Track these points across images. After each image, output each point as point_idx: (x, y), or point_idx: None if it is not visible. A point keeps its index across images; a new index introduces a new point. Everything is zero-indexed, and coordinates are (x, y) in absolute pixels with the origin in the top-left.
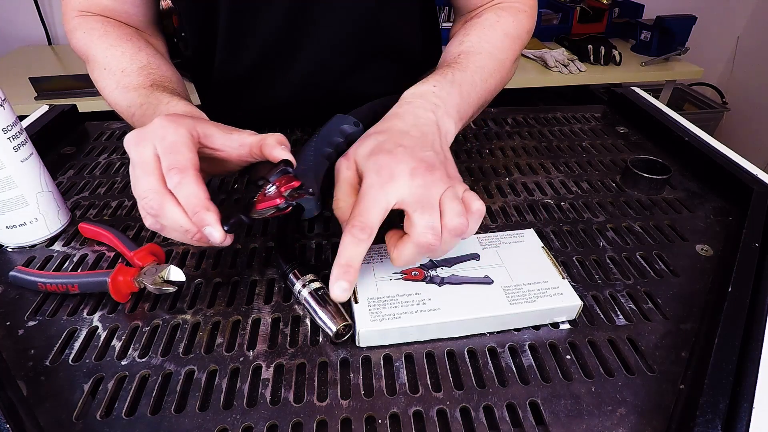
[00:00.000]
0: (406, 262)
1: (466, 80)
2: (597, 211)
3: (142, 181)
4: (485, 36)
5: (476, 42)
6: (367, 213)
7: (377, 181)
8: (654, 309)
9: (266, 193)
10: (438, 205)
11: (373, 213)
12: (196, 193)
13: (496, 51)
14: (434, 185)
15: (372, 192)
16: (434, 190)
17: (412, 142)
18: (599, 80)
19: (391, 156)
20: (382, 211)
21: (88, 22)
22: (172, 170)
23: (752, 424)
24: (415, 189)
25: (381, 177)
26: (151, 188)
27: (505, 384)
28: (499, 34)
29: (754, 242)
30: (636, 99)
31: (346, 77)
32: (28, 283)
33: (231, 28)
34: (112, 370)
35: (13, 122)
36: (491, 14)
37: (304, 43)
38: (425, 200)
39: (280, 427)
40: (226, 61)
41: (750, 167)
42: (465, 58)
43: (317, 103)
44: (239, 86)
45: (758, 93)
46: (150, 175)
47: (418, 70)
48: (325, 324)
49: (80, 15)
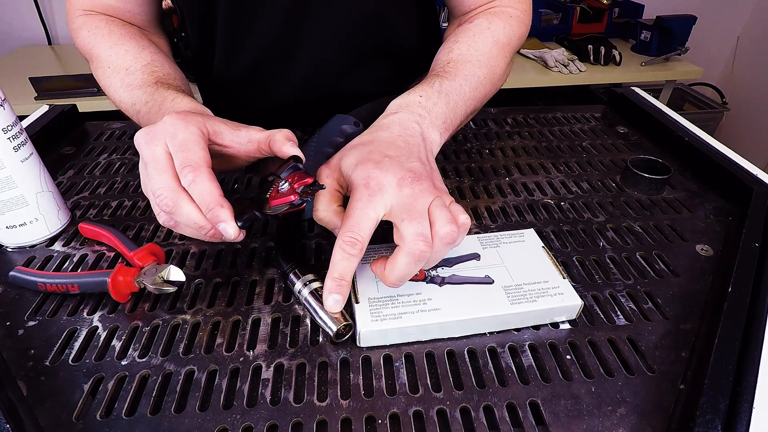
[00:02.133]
0: (399, 277)
1: (453, 89)
2: (597, 211)
3: (156, 178)
4: (474, 44)
5: (465, 50)
6: (357, 227)
7: (365, 193)
8: (654, 309)
9: (279, 189)
10: (427, 214)
11: (363, 226)
12: (210, 191)
13: (485, 59)
14: (422, 195)
15: (360, 205)
16: (422, 200)
17: (398, 152)
18: (599, 80)
19: (378, 167)
20: (372, 223)
21: (93, 21)
22: (185, 168)
23: (752, 424)
24: (402, 199)
25: (369, 189)
26: (166, 186)
27: (505, 384)
28: (488, 42)
29: (754, 242)
30: (636, 99)
31: (346, 77)
32: (28, 283)
33: (230, 27)
34: (112, 370)
35: (13, 122)
36: (482, 20)
37: (303, 42)
38: (413, 209)
39: (280, 427)
40: (226, 61)
41: (750, 167)
42: (454, 66)
43: (316, 102)
44: (238, 86)
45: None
46: (164, 173)
47: (417, 70)
48: (325, 324)
49: (84, 14)
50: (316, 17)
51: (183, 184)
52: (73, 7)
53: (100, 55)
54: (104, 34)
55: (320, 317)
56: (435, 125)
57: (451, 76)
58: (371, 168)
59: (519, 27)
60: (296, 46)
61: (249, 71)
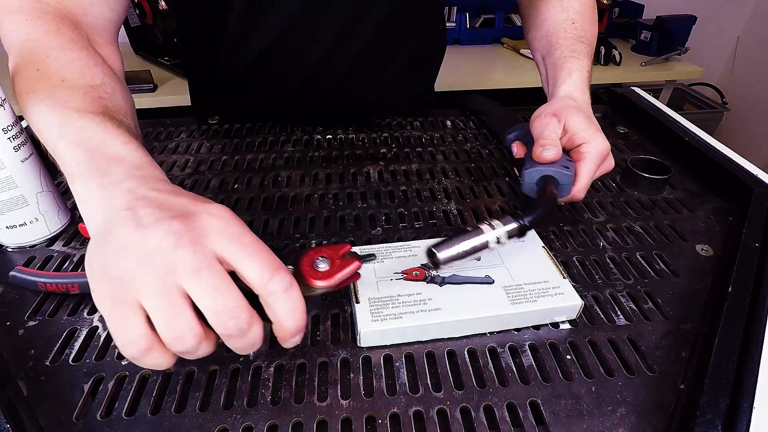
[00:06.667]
0: (591, 179)
1: (586, 66)
2: (597, 211)
3: (226, 293)
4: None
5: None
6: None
7: (599, 161)
8: (654, 309)
9: (317, 267)
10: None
11: (587, 182)
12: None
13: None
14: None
15: (592, 167)
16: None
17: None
18: (599, 80)
19: (605, 141)
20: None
21: (36, 9)
22: (280, 270)
23: (752, 424)
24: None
25: (603, 157)
26: (240, 300)
27: (505, 384)
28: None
29: (754, 242)
30: (636, 99)
31: (353, 72)
32: (28, 283)
33: (248, 7)
34: (112, 370)
35: (13, 122)
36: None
37: (314, 36)
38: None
39: (280, 427)
40: (235, 49)
41: (750, 167)
42: (580, 45)
43: (321, 98)
44: (245, 76)
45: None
46: (232, 284)
47: (423, 68)
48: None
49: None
50: (328, 12)
51: (273, 289)
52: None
53: (33, 52)
54: (49, 30)
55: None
56: (588, 101)
57: (581, 53)
58: (603, 140)
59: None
60: (308, 39)
61: (261, 57)
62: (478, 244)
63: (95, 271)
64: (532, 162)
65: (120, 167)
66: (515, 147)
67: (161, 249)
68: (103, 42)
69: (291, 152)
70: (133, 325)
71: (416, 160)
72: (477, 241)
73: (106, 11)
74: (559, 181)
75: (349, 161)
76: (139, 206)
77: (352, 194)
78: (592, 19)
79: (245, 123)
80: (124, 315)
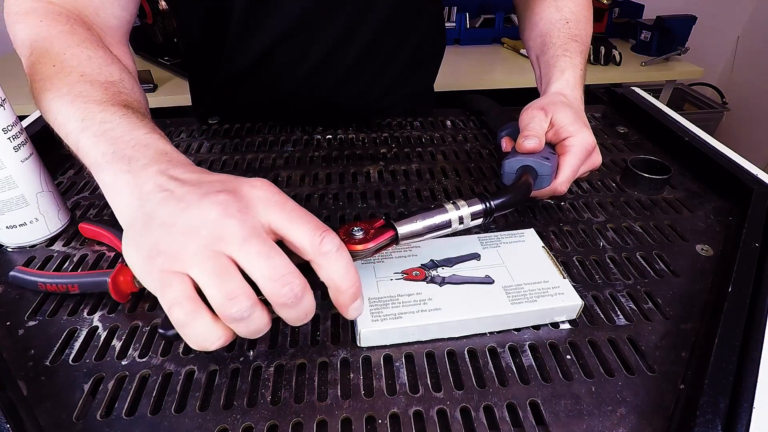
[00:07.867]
0: (575, 174)
1: (579, 65)
2: (597, 211)
3: (278, 259)
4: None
5: (574, 22)
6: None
7: (584, 156)
8: (654, 309)
9: (354, 235)
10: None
11: (570, 177)
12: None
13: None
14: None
15: (577, 161)
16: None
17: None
18: (599, 80)
19: (591, 135)
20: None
21: (50, 11)
22: (328, 232)
23: (752, 424)
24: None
25: (588, 153)
26: (290, 266)
27: (505, 384)
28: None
29: (754, 242)
30: (636, 99)
31: (353, 73)
32: (28, 283)
33: (246, 15)
34: (112, 370)
35: (13, 122)
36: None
37: (316, 37)
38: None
39: (280, 427)
40: (239, 47)
41: (750, 167)
42: (573, 44)
43: (321, 98)
44: (247, 75)
45: (758, 93)
46: (279, 251)
47: (423, 68)
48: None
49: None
50: (331, 12)
51: (325, 250)
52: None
53: (49, 50)
54: (64, 31)
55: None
56: (579, 98)
57: (574, 52)
58: (589, 135)
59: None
60: (310, 39)
61: (262, 58)
62: (440, 222)
63: (141, 257)
64: (514, 152)
65: (146, 152)
66: (504, 142)
67: (208, 220)
68: (115, 42)
69: (291, 152)
70: (180, 287)
71: (416, 160)
72: (438, 219)
73: (119, 11)
74: (538, 172)
75: (349, 161)
76: (176, 186)
77: (352, 194)
78: (587, 19)
79: (245, 123)
80: (169, 280)
